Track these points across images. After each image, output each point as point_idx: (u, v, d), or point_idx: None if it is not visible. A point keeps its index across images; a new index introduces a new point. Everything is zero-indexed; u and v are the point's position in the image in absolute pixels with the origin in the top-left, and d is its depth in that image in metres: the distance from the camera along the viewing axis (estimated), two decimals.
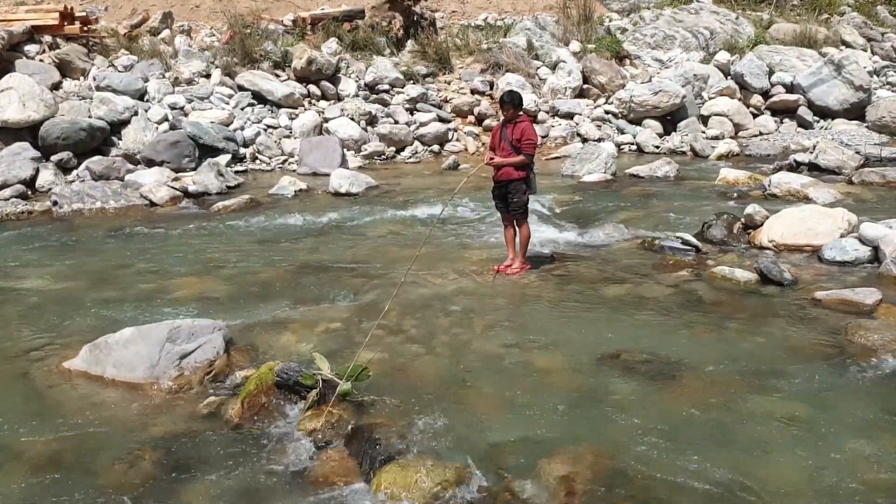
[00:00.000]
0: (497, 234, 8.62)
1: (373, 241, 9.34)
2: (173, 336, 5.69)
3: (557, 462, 4.28)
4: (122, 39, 17.47)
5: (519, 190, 7.61)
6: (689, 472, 4.22)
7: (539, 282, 7.53)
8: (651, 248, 8.52)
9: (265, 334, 6.26)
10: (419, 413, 4.87)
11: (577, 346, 5.94)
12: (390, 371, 5.54)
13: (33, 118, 12.90)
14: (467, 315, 6.63)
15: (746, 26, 20.83)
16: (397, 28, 19.10)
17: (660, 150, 15.70)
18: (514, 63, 17.78)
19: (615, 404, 5.03)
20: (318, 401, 4.96)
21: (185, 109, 14.96)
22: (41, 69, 14.80)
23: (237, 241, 9.40)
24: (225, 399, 5.25)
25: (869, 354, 5.60)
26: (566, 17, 20.80)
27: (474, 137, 16.18)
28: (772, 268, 7.21)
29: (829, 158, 12.59)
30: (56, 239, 9.71)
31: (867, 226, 7.96)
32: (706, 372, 5.43)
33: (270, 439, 4.76)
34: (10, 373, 5.77)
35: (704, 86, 17.82)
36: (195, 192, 12.05)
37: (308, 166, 13.92)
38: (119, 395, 5.39)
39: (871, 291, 6.63)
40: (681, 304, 6.82)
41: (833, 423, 4.72)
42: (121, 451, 4.63)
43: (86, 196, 11.50)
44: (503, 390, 5.26)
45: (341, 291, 7.34)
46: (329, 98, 16.48)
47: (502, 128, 7.66)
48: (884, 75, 19.19)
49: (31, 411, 5.19)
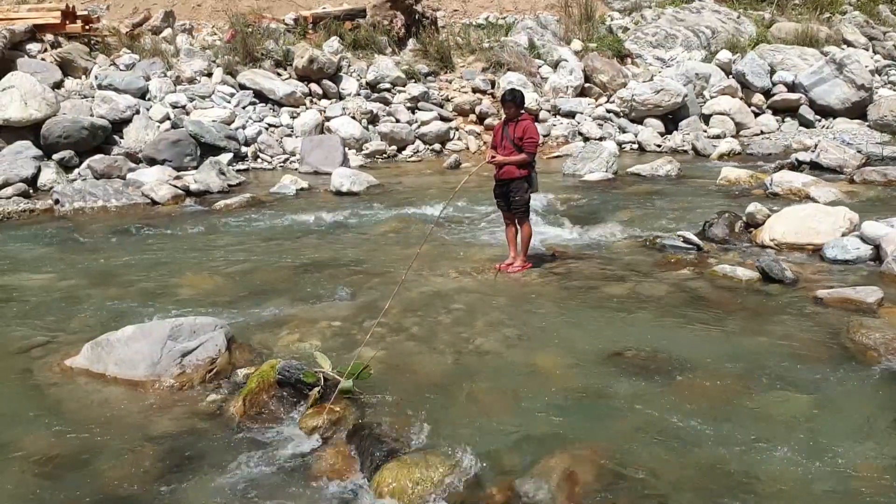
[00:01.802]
0: (498, 232, 8.62)
1: (374, 240, 9.35)
2: (175, 334, 5.69)
3: (559, 460, 4.27)
4: (124, 38, 17.51)
5: (521, 188, 7.61)
6: (691, 472, 4.22)
7: (540, 280, 7.53)
8: (653, 247, 8.52)
9: (267, 332, 6.26)
10: (420, 411, 4.87)
11: (578, 345, 5.93)
12: (391, 369, 5.54)
13: (35, 117, 12.92)
14: (468, 313, 6.63)
15: (748, 25, 20.84)
16: (399, 27, 19.10)
17: (661, 149, 15.71)
18: (515, 62, 17.80)
19: (617, 403, 5.02)
20: (319, 398, 4.96)
21: (186, 108, 14.99)
22: (43, 68, 14.82)
23: (239, 240, 9.41)
24: (226, 397, 5.26)
25: (871, 353, 5.58)
26: (568, 16, 20.83)
27: (476, 136, 16.19)
28: (773, 266, 7.21)
29: (830, 157, 12.59)
30: (58, 237, 9.72)
31: (868, 224, 7.95)
32: (708, 371, 5.42)
33: (272, 437, 4.76)
34: (11, 370, 5.77)
35: (706, 85, 17.82)
36: (197, 191, 12.06)
37: (309, 165, 13.93)
38: (121, 393, 5.39)
39: (873, 290, 6.62)
40: (682, 303, 6.81)
41: (835, 423, 4.71)
42: (123, 449, 4.63)
43: (87, 195, 11.52)
44: (504, 388, 5.25)
45: (343, 289, 7.34)
46: (330, 97, 16.49)
47: (504, 126, 7.66)
48: (885, 74, 19.20)
49: (32, 409, 5.19)
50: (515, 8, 23.72)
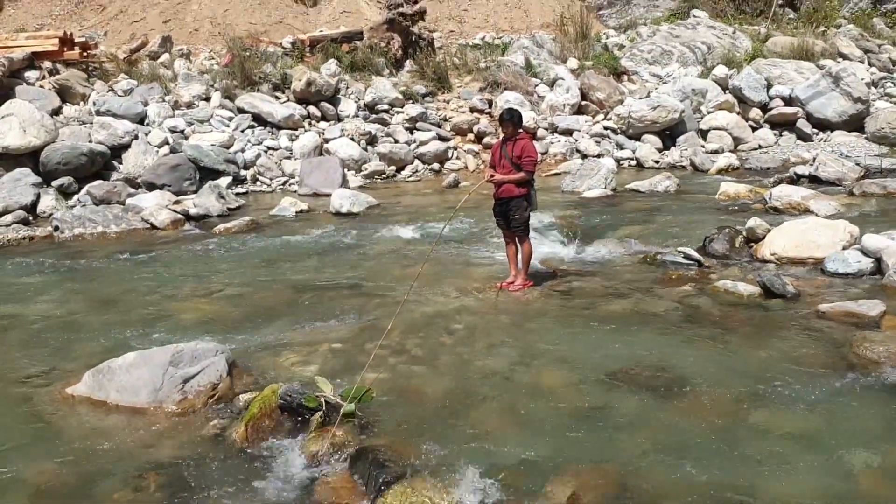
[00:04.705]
0: (499, 251, 8.61)
1: (374, 261, 9.34)
2: (176, 360, 5.67)
3: (565, 481, 4.25)
4: (122, 64, 17.56)
5: (520, 207, 7.62)
6: (697, 489, 4.19)
7: (542, 298, 7.52)
8: (653, 263, 8.51)
9: (268, 356, 6.24)
10: (424, 433, 4.85)
11: (581, 363, 5.91)
12: (394, 391, 5.52)
13: (34, 144, 12.94)
14: (470, 333, 6.62)
15: (744, 40, 20.92)
16: (396, 48, 19.20)
17: (659, 165, 15.72)
18: (512, 81, 17.86)
19: (621, 421, 5.00)
20: (322, 423, 4.94)
21: (185, 132, 15.01)
22: (41, 95, 14.86)
23: (239, 263, 9.40)
24: (228, 422, 5.23)
25: (875, 367, 5.56)
26: (563, 35, 20.92)
27: (474, 155, 16.22)
28: (775, 281, 7.19)
29: (829, 170, 12.61)
30: (58, 264, 9.71)
31: (869, 237, 7.94)
32: (712, 387, 5.40)
33: (275, 462, 4.72)
34: (13, 399, 5.75)
35: (703, 100, 17.86)
36: (196, 215, 12.07)
37: (309, 187, 13.95)
38: (123, 420, 5.37)
39: (875, 303, 6.60)
40: (684, 319, 6.80)
41: (840, 437, 4.68)
42: (125, 476, 4.60)
43: (87, 221, 11.52)
44: (508, 409, 5.23)
45: (344, 311, 7.33)
46: (329, 119, 16.53)
47: (502, 145, 7.67)
48: (881, 86, 19.24)
49: (34, 438, 5.16)
50: (511, 27, 23.83)
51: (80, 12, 23.23)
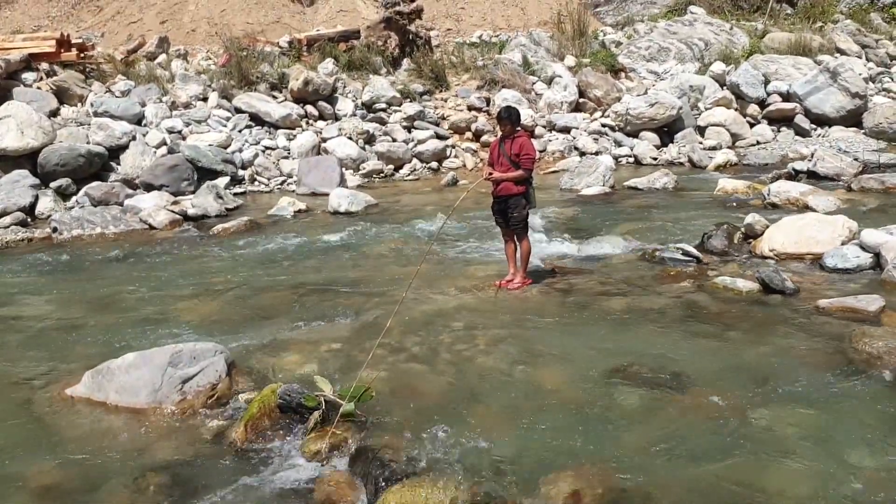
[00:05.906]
0: (497, 249, 8.61)
1: (373, 260, 9.33)
2: (175, 360, 5.67)
3: (564, 478, 4.25)
4: (119, 65, 17.53)
5: (518, 205, 7.61)
6: (698, 486, 4.19)
7: (541, 296, 7.52)
8: (652, 260, 8.50)
9: (267, 356, 6.24)
10: (424, 432, 4.84)
11: (581, 361, 5.91)
12: (393, 390, 5.51)
13: (32, 145, 12.92)
14: (470, 331, 6.61)
15: (741, 36, 20.91)
16: (393, 47, 19.19)
17: (657, 162, 15.71)
18: (509, 79, 17.85)
19: (621, 418, 5.00)
20: (321, 422, 4.93)
21: (182, 133, 14.98)
22: (39, 96, 14.84)
23: (237, 264, 9.39)
24: (228, 422, 5.23)
25: (874, 362, 5.57)
26: (561, 33, 20.91)
27: (472, 153, 16.20)
28: (773, 277, 7.19)
29: (827, 166, 12.61)
30: (56, 266, 9.70)
31: (868, 232, 7.94)
32: (711, 383, 5.40)
33: (274, 462, 4.73)
34: (12, 400, 5.74)
35: (700, 97, 17.86)
36: (194, 216, 12.06)
37: (307, 186, 13.93)
38: (122, 421, 5.37)
39: (874, 298, 6.61)
40: (684, 316, 6.79)
41: (840, 433, 4.69)
42: (125, 477, 4.60)
43: (85, 222, 11.52)
44: (508, 406, 5.23)
45: (342, 310, 7.32)
46: (326, 118, 16.51)
47: (500, 143, 7.66)
48: (879, 82, 19.23)
49: (34, 439, 5.16)
50: (508, 25, 23.85)
51: (76, 14, 23.24)
